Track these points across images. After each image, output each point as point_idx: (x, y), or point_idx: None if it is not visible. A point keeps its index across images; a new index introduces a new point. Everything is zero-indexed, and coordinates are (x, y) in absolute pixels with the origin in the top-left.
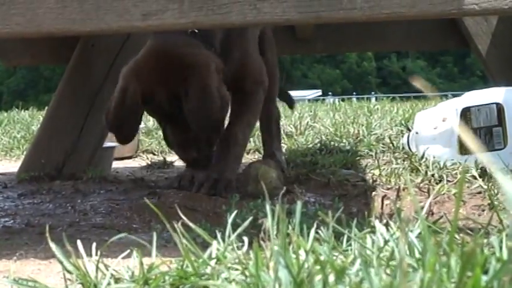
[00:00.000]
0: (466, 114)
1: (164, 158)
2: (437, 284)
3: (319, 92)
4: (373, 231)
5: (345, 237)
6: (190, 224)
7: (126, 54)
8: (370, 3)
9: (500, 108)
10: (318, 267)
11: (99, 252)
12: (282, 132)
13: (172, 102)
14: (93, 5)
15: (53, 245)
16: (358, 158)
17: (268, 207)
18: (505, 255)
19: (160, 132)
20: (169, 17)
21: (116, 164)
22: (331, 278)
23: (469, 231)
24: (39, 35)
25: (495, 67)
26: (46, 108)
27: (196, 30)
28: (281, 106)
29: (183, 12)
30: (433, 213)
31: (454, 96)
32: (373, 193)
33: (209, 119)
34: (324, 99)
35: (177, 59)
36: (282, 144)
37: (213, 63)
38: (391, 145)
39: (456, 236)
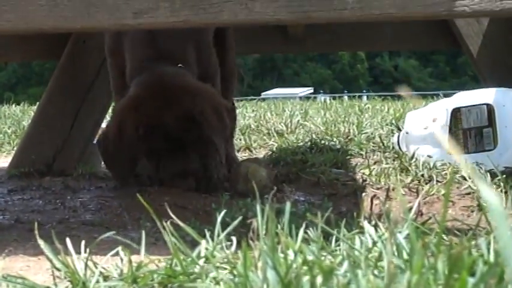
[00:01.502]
0: (456, 115)
1: None
2: (424, 286)
3: (310, 90)
4: (362, 231)
5: (334, 237)
6: (180, 223)
7: None
8: (361, 4)
9: (490, 109)
10: (305, 267)
11: (88, 250)
12: (271, 131)
13: (181, 126)
14: (84, 2)
15: (41, 242)
16: (348, 157)
17: (258, 207)
18: (492, 258)
19: None
20: (161, 15)
21: None
22: (319, 279)
23: (457, 233)
24: (30, 32)
25: (486, 68)
26: (37, 103)
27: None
28: (272, 103)
29: (174, 11)
30: (422, 214)
31: (446, 95)
32: (363, 193)
33: (226, 130)
34: (315, 98)
35: (180, 87)
36: (273, 142)
37: (210, 87)
38: (381, 144)
39: (444, 237)
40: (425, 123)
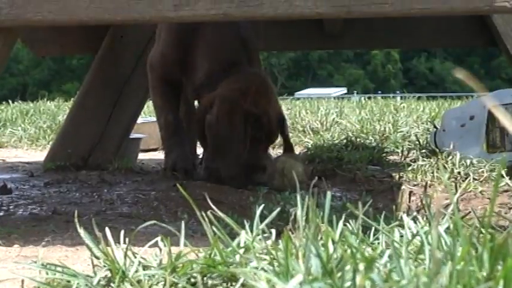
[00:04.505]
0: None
1: None
2: (468, 273)
3: (344, 90)
4: (400, 225)
5: (372, 230)
6: (220, 213)
7: None
8: None
9: None
10: (347, 257)
11: (127, 240)
12: (306, 128)
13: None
14: None
15: (81, 231)
16: (384, 154)
17: (298, 197)
18: None
19: None
20: (201, 8)
21: (141, 156)
22: (361, 267)
23: (497, 228)
24: (70, 24)
25: None
26: (72, 99)
27: None
28: (307, 102)
29: (215, 3)
30: (459, 210)
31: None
32: (400, 189)
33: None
34: (349, 98)
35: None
36: (308, 140)
37: None
38: (417, 143)
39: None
40: (462, 121)
